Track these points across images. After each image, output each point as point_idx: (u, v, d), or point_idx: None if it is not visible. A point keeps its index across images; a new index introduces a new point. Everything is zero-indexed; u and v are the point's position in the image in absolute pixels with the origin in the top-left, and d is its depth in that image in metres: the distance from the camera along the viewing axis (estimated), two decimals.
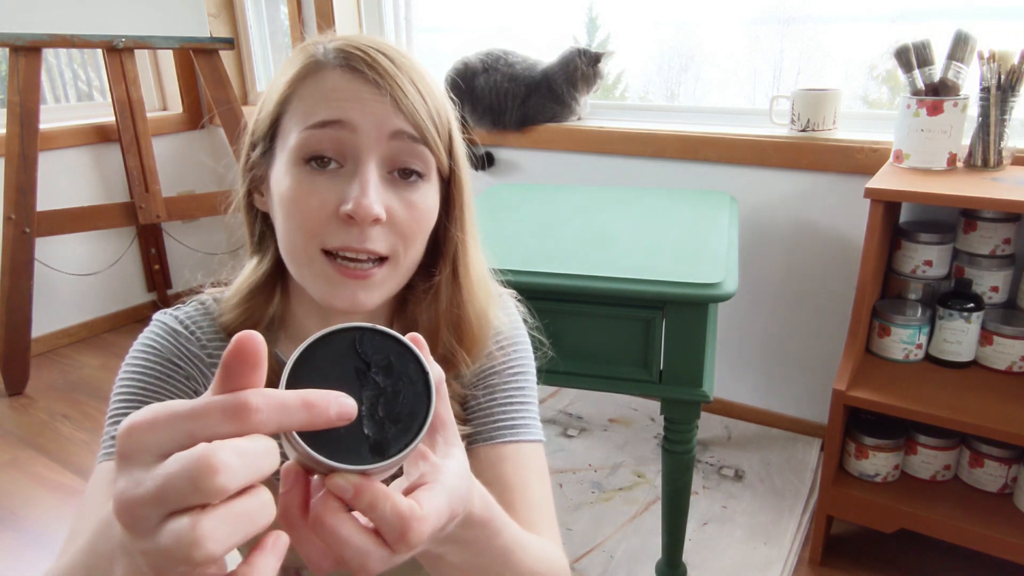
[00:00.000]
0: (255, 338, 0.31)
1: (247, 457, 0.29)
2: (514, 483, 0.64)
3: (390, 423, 0.36)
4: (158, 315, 0.66)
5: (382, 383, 0.36)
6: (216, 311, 0.66)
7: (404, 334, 0.68)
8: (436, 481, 0.38)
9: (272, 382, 0.34)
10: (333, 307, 0.57)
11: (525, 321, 0.74)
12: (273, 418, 0.31)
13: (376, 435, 0.35)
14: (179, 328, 0.65)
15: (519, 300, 0.75)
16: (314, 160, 0.55)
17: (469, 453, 0.66)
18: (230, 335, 0.64)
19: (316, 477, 0.35)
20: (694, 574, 1.46)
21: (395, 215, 0.56)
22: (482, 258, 0.68)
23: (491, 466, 0.65)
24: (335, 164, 0.55)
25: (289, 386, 0.34)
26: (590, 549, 1.55)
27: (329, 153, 0.55)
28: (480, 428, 0.66)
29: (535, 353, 0.73)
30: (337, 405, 0.32)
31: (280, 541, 0.32)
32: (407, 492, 0.37)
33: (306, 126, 0.55)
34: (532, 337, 0.74)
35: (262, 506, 0.30)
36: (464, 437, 0.66)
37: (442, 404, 0.41)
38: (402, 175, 0.57)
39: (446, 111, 0.60)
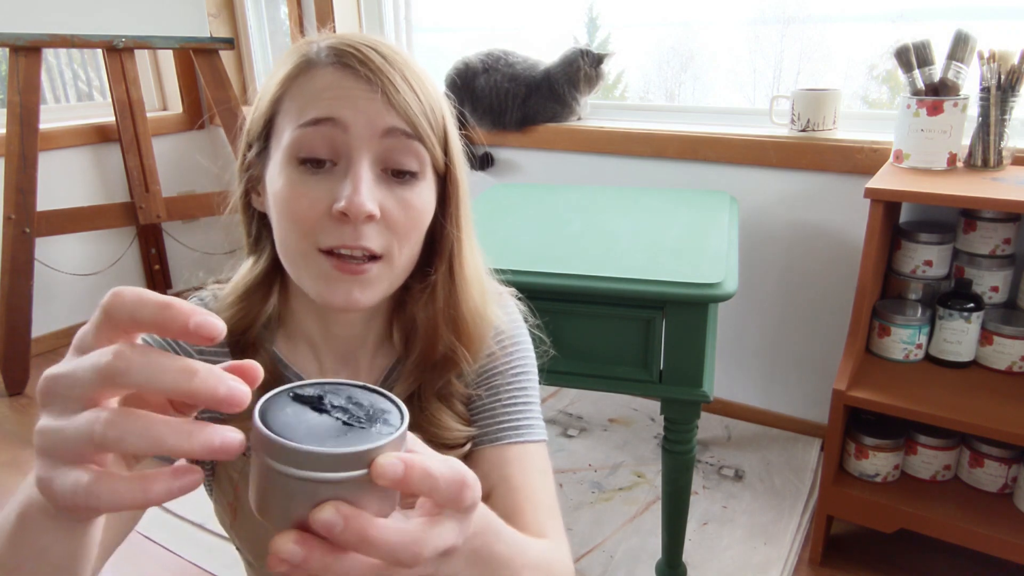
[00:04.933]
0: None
1: (147, 359, 0.31)
2: (520, 485, 0.64)
3: (376, 416, 0.36)
4: None
5: (341, 403, 0.37)
6: (213, 308, 0.66)
7: (404, 335, 0.68)
8: (447, 459, 0.38)
9: (268, 378, 0.34)
10: (330, 305, 0.57)
11: (525, 320, 0.74)
12: (128, 302, 0.32)
13: (373, 424, 0.36)
14: None
15: (519, 298, 0.75)
16: (307, 159, 0.55)
17: (474, 454, 0.66)
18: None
19: (330, 512, 0.33)
20: (694, 574, 1.46)
21: (389, 213, 0.56)
22: (478, 255, 0.68)
23: (496, 467, 0.64)
24: (328, 163, 0.55)
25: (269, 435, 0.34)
26: (590, 549, 1.55)
27: (322, 151, 0.55)
28: (485, 429, 0.66)
29: (536, 351, 0.73)
30: (202, 319, 0.32)
31: None
32: None
33: (298, 124, 0.55)
34: (533, 335, 0.74)
35: (177, 431, 0.31)
36: (468, 438, 0.66)
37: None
38: (396, 172, 0.57)
39: (441, 108, 0.60)
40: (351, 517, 0.32)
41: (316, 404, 0.36)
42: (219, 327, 0.32)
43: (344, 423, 0.35)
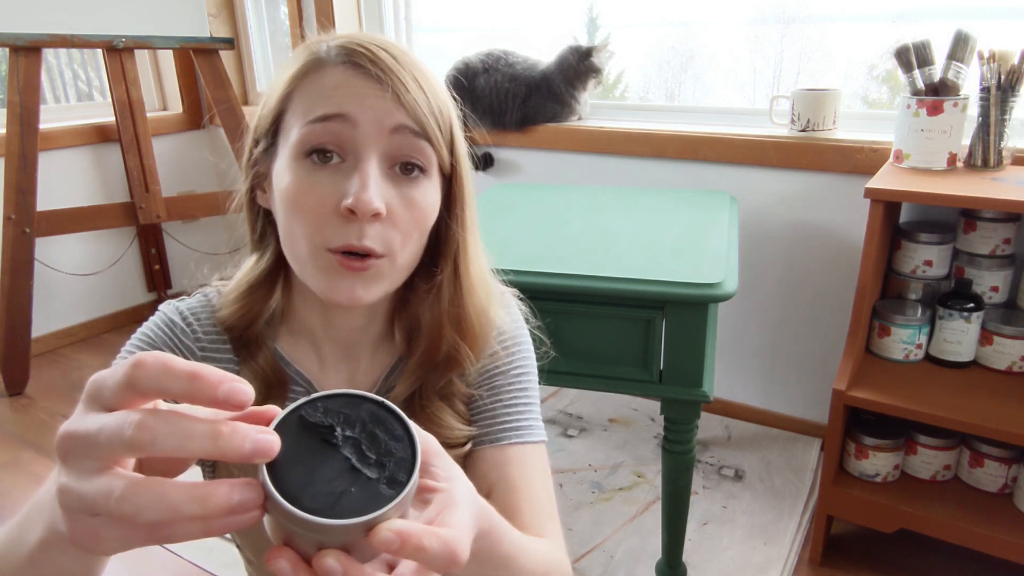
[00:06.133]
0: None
1: (172, 426, 0.31)
2: (519, 485, 0.64)
3: (386, 457, 0.36)
4: (163, 305, 0.67)
5: (354, 434, 0.36)
6: (217, 304, 0.67)
7: (406, 333, 0.68)
8: (453, 504, 0.39)
9: (270, 375, 0.33)
10: (333, 301, 0.58)
11: (527, 320, 0.74)
12: (154, 374, 0.32)
13: (381, 473, 0.35)
14: (177, 320, 0.65)
15: (520, 299, 0.75)
16: (315, 154, 0.55)
17: (474, 454, 0.66)
18: (227, 330, 0.65)
19: (332, 561, 0.33)
20: (694, 574, 1.46)
21: (394, 211, 0.56)
22: (482, 255, 0.68)
23: (496, 468, 0.65)
24: (336, 159, 0.55)
25: (274, 484, 0.34)
26: (590, 549, 1.55)
27: (329, 148, 0.55)
28: (486, 429, 0.67)
29: (537, 352, 0.74)
30: (231, 387, 0.32)
31: None
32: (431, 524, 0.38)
33: (307, 121, 0.55)
34: (533, 336, 0.74)
35: (191, 497, 0.31)
36: (469, 438, 0.66)
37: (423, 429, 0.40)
38: (403, 170, 0.57)
39: (448, 108, 0.60)
40: (351, 571, 0.33)
41: (327, 435, 0.35)
42: (248, 393, 0.32)
43: (353, 467, 0.35)
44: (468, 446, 0.66)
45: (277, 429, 0.34)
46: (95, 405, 0.33)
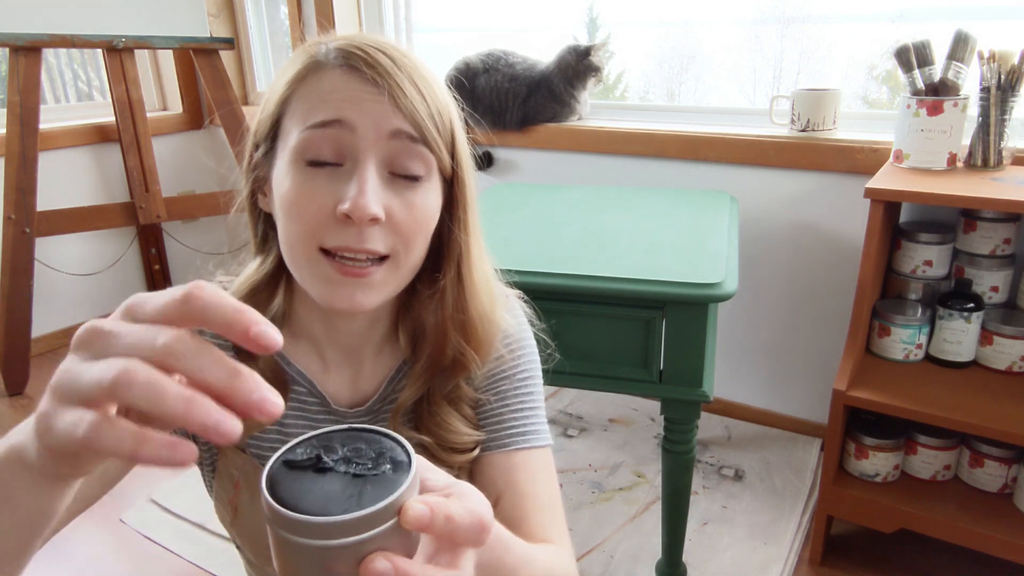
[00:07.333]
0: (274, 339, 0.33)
1: (203, 352, 0.32)
2: (526, 491, 0.64)
3: (379, 456, 0.37)
4: None
5: (340, 455, 0.37)
6: None
7: (410, 337, 0.68)
8: (464, 494, 0.39)
9: (271, 377, 0.33)
10: (332, 308, 0.57)
11: (532, 323, 0.74)
12: (212, 301, 0.32)
13: (382, 468, 0.36)
14: None
15: (525, 301, 0.75)
16: (314, 161, 0.55)
17: (481, 460, 0.66)
18: None
19: (382, 562, 0.34)
20: (694, 574, 1.46)
21: (394, 215, 0.56)
22: (486, 258, 0.67)
23: (503, 473, 0.65)
24: (335, 164, 0.55)
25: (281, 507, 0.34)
26: (590, 549, 1.55)
27: (328, 153, 0.55)
28: (493, 435, 0.66)
29: (541, 354, 0.73)
30: (261, 330, 0.33)
31: None
32: None
33: (305, 126, 0.55)
34: (538, 338, 0.74)
35: (166, 445, 0.31)
36: (477, 443, 0.66)
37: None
38: (402, 175, 0.57)
39: (448, 111, 0.60)
40: (400, 567, 0.33)
41: (316, 465, 0.36)
42: (276, 339, 0.33)
43: (355, 475, 0.35)
44: (476, 451, 0.66)
45: (269, 480, 0.35)
46: (128, 318, 0.34)
